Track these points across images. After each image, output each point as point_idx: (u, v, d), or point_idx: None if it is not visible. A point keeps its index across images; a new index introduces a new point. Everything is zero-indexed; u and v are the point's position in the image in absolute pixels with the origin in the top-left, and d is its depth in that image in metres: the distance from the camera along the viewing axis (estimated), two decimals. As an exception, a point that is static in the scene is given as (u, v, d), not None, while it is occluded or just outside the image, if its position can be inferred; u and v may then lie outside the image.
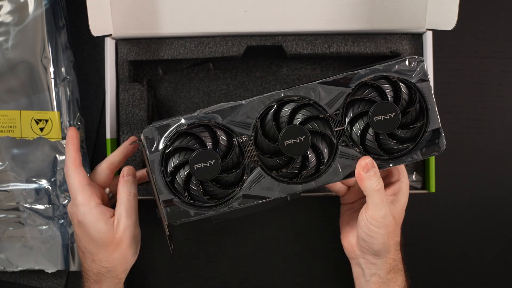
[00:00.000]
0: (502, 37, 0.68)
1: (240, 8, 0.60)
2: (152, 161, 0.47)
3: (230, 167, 0.48)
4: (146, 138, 0.47)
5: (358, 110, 0.48)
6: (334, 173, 0.48)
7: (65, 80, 0.62)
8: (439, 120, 0.49)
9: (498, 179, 0.68)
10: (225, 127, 0.47)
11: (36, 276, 0.66)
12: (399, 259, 0.54)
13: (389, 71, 0.48)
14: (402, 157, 0.49)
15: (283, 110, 0.48)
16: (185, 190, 0.47)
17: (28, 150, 0.62)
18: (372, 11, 0.61)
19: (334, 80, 0.47)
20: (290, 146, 0.46)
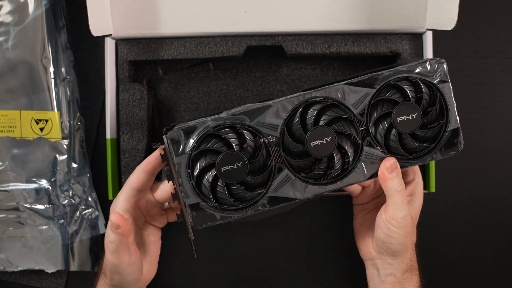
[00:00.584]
0: (502, 37, 0.68)
1: (240, 8, 0.60)
2: (178, 164, 0.46)
3: (257, 169, 0.47)
4: (172, 140, 0.46)
5: (382, 110, 0.49)
6: (359, 173, 0.49)
7: (65, 80, 0.62)
8: (458, 120, 0.50)
9: (498, 179, 0.68)
10: (252, 128, 0.47)
11: (36, 276, 0.66)
12: (415, 259, 0.55)
13: (412, 72, 0.49)
14: (422, 157, 0.50)
15: (309, 112, 0.48)
16: (211, 194, 0.47)
17: (28, 150, 0.62)
18: (372, 11, 0.61)
19: (359, 81, 0.48)
20: (316, 147, 0.47)
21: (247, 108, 0.47)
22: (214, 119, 0.46)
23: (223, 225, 0.67)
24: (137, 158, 0.62)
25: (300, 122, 0.47)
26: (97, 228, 0.64)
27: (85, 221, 0.64)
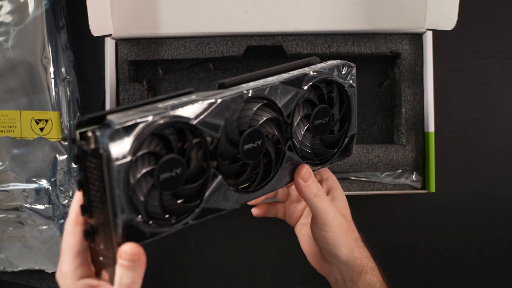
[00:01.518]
0: (502, 37, 0.68)
1: (240, 8, 0.60)
2: (118, 172, 0.35)
3: (193, 176, 0.40)
4: (111, 140, 0.35)
5: (304, 113, 0.46)
6: (279, 180, 0.45)
7: (65, 80, 0.62)
8: (356, 126, 0.49)
9: (498, 179, 0.68)
10: (195, 128, 0.39)
11: (36, 276, 0.66)
12: (367, 257, 0.51)
13: (331, 74, 0.47)
14: (326, 162, 0.48)
15: (245, 111, 0.43)
16: (145, 207, 0.38)
17: (28, 150, 0.62)
18: (372, 11, 0.61)
19: (291, 81, 0.44)
20: (248, 151, 0.42)
21: (190, 103, 0.39)
22: (157, 114, 0.37)
23: (223, 225, 0.68)
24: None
25: (237, 123, 0.42)
26: (97, 228, 0.64)
27: (85, 221, 0.64)
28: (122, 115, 0.36)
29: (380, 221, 0.68)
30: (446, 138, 0.67)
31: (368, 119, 0.68)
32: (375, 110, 0.68)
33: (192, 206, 0.40)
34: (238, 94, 0.41)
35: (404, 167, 0.63)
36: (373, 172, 0.63)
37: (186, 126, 0.39)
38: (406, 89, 0.63)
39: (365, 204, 0.68)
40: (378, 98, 0.68)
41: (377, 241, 0.69)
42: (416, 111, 0.63)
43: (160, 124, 0.37)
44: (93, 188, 0.37)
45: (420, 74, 0.63)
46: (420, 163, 0.63)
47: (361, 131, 0.68)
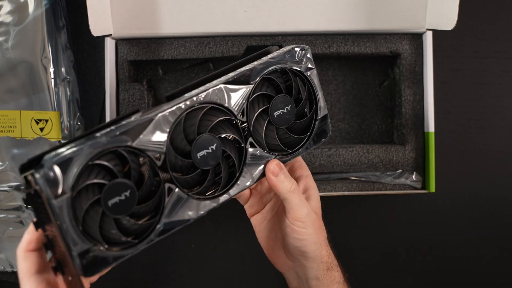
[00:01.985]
0: (502, 37, 0.68)
1: (240, 8, 0.60)
2: (59, 208, 0.36)
3: (146, 195, 0.41)
4: (47, 180, 0.36)
5: (260, 107, 0.46)
6: (247, 178, 0.45)
7: (65, 80, 0.62)
8: (326, 107, 0.49)
9: (498, 179, 0.68)
10: (136, 149, 0.40)
11: (36, 276, 0.66)
12: (332, 255, 0.51)
13: (281, 62, 0.46)
14: (299, 149, 0.48)
15: (191, 120, 0.43)
16: (100, 234, 0.39)
17: (28, 150, 0.62)
18: (372, 11, 0.61)
19: (235, 79, 0.44)
20: (203, 158, 0.42)
21: (127, 126, 0.40)
22: (91, 145, 0.38)
23: (223, 225, 0.68)
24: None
25: (184, 133, 0.42)
26: (97, 228, 0.64)
27: (85, 221, 0.64)
28: (58, 152, 0.38)
29: (380, 221, 0.68)
30: (446, 138, 0.67)
31: (368, 119, 0.68)
32: (375, 110, 0.68)
33: (152, 223, 0.41)
34: (176, 106, 0.42)
35: (404, 167, 0.63)
36: (373, 172, 0.63)
37: (125, 149, 0.39)
38: (406, 89, 0.63)
39: (365, 204, 0.68)
40: (378, 98, 0.68)
41: (377, 241, 0.69)
42: (416, 111, 0.63)
43: (95, 155, 0.38)
44: (48, 227, 0.39)
45: (420, 74, 0.63)
46: (420, 163, 0.63)
47: (361, 131, 0.68)
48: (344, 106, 0.68)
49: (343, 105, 0.68)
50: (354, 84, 0.68)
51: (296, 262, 0.50)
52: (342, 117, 0.68)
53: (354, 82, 0.68)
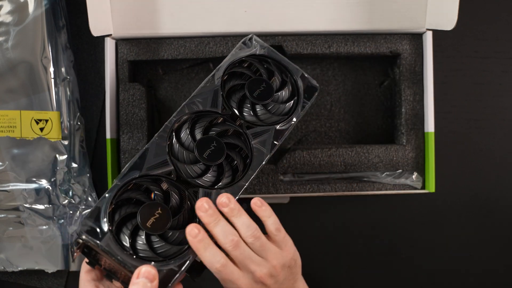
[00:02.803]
0: (502, 37, 0.68)
1: (240, 8, 0.60)
2: (107, 246, 0.43)
3: (179, 207, 0.46)
4: (88, 231, 0.43)
5: (237, 98, 0.51)
6: (261, 154, 0.50)
7: (65, 80, 0.62)
8: (298, 67, 0.54)
9: (498, 179, 0.68)
10: (148, 178, 0.46)
11: (36, 276, 0.66)
12: None
13: (239, 56, 0.53)
14: (295, 111, 0.52)
15: (182, 134, 0.49)
16: (152, 253, 0.44)
17: (28, 150, 0.62)
18: (372, 11, 0.61)
19: (203, 87, 0.50)
20: (210, 156, 0.47)
21: (131, 163, 0.46)
22: (110, 191, 0.45)
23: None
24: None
25: (182, 146, 0.48)
26: (97, 228, 0.64)
27: (85, 221, 0.64)
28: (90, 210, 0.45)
29: (380, 221, 0.68)
30: (446, 138, 0.67)
31: (368, 119, 0.68)
32: (375, 110, 0.68)
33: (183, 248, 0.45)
34: (161, 130, 0.48)
35: (404, 167, 0.63)
36: (373, 172, 0.63)
37: (137, 180, 0.46)
38: (406, 89, 0.63)
39: (365, 204, 0.68)
40: (378, 98, 0.68)
41: (377, 241, 0.69)
42: (416, 111, 0.63)
43: (115, 194, 0.44)
44: (104, 262, 0.44)
45: (420, 74, 0.63)
46: (420, 163, 0.63)
47: (361, 131, 0.68)
48: (344, 106, 0.68)
49: (343, 105, 0.68)
50: (354, 84, 0.68)
51: None
52: (342, 117, 0.68)
53: (354, 82, 0.68)
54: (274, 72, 0.53)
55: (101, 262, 0.45)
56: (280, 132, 0.51)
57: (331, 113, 0.68)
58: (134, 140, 0.62)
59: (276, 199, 0.64)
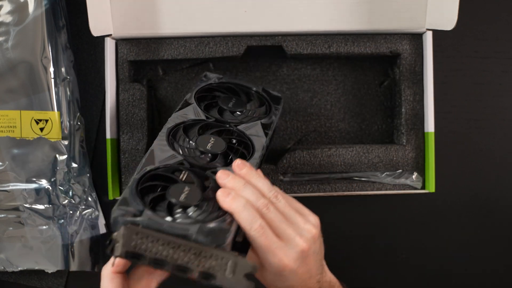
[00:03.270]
0: (502, 37, 0.68)
1: (240, 8, 0.60)
2: (150, 220, 0.40)
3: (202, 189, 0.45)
4: (123, 217, 0.40)
5: (216, 110, 0.55)
6: (260, 138, 0.52)
7: (65, 80, 0.62)
8: (257, 84, 0.60)
9: (498, 179, 0.68)
10: (165, 167, 0.46)
11: (36, 276, 0.66)
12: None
13: (201, 85, 0.58)
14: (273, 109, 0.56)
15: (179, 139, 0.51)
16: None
17: (28, 150, 0.62)
18: (372, 11, 0.61)
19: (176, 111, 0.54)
20: (213, 147, 0.48)
21: (144, 159, 0.46)
22: (130, 186, 0.43)
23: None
24: (137, 158, 0.62)
25: (183, 146, 0.49)
26: (97, 228, 0.64)
27: (85, 221, 0.64)
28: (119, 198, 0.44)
29: (380, 221, 0.68)
30: (446, 138, 0.67)
31: (368, 119, 0.68)
32: (375, 110, 0.68)
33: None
34: (160, 135, 0.50)
35: (404, 167, 0.63)
36: (373, 172, 0.63)
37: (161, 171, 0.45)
38: (406, 89, 0.63)
39: (365, 204, 0.68)
40: (378, 98, 0.68)
41: (377, 241, 0.69)
42: (416, 111, 0.63)
43: (139, 179, 0.44)
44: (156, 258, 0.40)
45: (420, 74, 0.63)
46: (420, 163, 0.63)
47: (361, 131, 0.68)
48: (344, 106, 0.68)
49: (343, 105, 0.68)
50: (354, 84, 0.68)
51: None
52: (342, 117, 0.68)
53: (354, 82, 0.68)
54: (238, 91, 0.58)
55: (145, 253, 0.40)
56: (266, 125, 0.53)
57: (331, 113, 0.68)
58: (134, 140, 0.62)
59: (276, 199, 0.64)
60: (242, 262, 0.39)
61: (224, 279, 0.39)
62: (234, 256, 0.39)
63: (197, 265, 0.39)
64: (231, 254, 0.39)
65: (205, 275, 0.39)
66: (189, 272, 0.39)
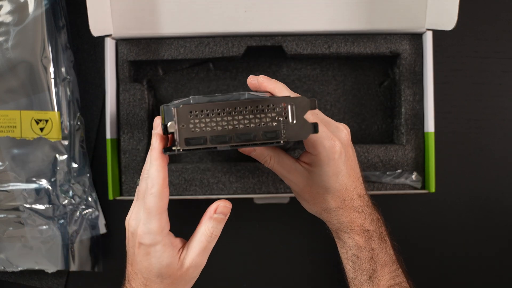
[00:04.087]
0: (502, 37, 0.68)
1: (240, 8, 0.60)
2: (200, 97, 0.39)
3: None
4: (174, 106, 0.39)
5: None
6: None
7: (65, 80, 0.62)
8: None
9: (498, 179, 0.68)
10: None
11: (36, 276, 0.66)
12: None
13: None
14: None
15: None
16: None
17: (28, 150, 0.62)
18: (372, 11, 0.61)
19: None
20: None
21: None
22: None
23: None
24: (137, 158, 0.62)
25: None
26: (97, 228, 0.64)
27: (85, 221, 0.64)
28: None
29: (380, 221, 0.68)
30: (446, 138, 0.67)
31: (368, 119, 0.68)
32: (375, 110, 0.68)
33: None
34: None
35: (404, 167, 0.63)
36: (373, 172, 0.63)
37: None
38: (406, 89, 0.63)
39: (365, 204, 0.68)
40: (378, 98, 0.68)
41: (377, 241, 0.69)
42: (416, 111, 0.63)
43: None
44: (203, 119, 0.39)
45: (420, 74, 0.63)
46: (420, 163, 0.63)
47: (361, 131, 0.68)
48: (344, 106, 0.68)
49: (343, 105, 0.68)
50: (354, 84, 0.68)
51: (342, 208, 0.50)
52: (342, 117, 0.68)
53: (354, 82, 0.68)
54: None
55: (204, 132, 0.39)
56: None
57: (331, 113, 0.68)
58: (135, 140, 0.62)
59: (276, 199, 0.64)
60: (300, 100, 0.38)
61: (289, 129, 0.39)
62: (290, 98, 0.38)
63: (259, 124, 0.38)
64: (286, 97, 0.39)
65: (269, 133, 0.38)
66: (253, 137, 0.38)
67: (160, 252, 0.45)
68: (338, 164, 0.47)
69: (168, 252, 0.45)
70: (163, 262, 0.45)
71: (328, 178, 0.47)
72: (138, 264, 0.46)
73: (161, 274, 0.46)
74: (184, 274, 0.47)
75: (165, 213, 0.45)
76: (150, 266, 0.46)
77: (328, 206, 0.49)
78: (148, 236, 0.45)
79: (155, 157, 0.44)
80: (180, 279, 0.47)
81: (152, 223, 0.45)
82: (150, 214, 0.44)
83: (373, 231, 0.50)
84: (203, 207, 0.49)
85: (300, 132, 0.38)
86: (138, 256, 0.46)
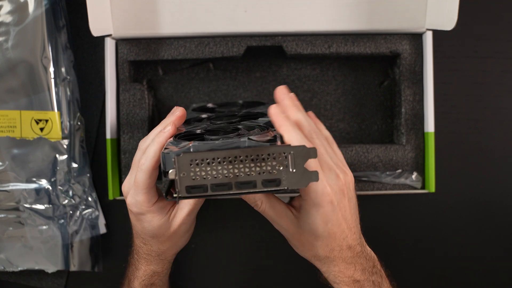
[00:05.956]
0: (502, 37, 0.68)
1: (240, 8, 0.60)
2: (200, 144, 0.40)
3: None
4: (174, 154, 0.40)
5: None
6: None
7: (65, 80, 0.62)
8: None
9: (498, 179, 0.68)
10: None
11: (36, 276, 0.66)
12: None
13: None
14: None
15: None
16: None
17: (28, 150, 0.62)
18: (372, 11, 0.61)
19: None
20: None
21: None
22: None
23: (223, 225, 0.68)
24: (137, 158, 0.62)
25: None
26: (97, 228, 0.64)
27: (85, 221, 0.64)
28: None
29: (380, 221, 0.68)
30: (446, 138, 0.67)
31: (368, 119, 0.68)
32: (375, 110, 0.68)
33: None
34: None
35: (404, 167, 0.63)
36: (373, 172, 0.63)
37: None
38: (406, 89, 0.63)
39: (364, 204, 0.68)
40: (378, 98, 0.68)
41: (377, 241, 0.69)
42: (416, 111, 0.63)
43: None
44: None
45: (420, 74, 0.63)
46: (420, 163, 0.63)
47: (361, 131, 0.68)
48: (344, 106, 0.68)
49: (343, 105, 0.68)
50: (354, 84, 0.68)
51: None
52: (342, 117, 0.68)
53: (354, 82, 0.68)
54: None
55: (205, 180, 0.39)
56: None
57: (331, 113, 0.68)
58: (135, 140, 0.62)
59: (276, 199, 0.64)
60: (299, 149, 0.39)
61: (289, 178, 0.39)
62: (289, 147, 0.39)
63: (259, 172, 0.39)
64: (286, 146, 0.39)
65: (269, 181, 0.39)
66: (253, 184, 0.39)
67: (149, 218, 0.48)
68: (327, 211, 0.44)
69: (157, 217, 0.48)
70: (154, 225, 0.48)
71: (317, 225, 0.45)
72: (135, 227, 0.51)
73: (154, 234, 0.49)
74: (176, 230, 0.49)
75: (153, 188, 0.47)
76: (144, 229, 0.49)
77: (317, 253, 0.47)
78: (135, 206, 0.47)
79: (159, 140, 0.45)
80: (173, 235, 0.50)
81: (139, 196, 0.47)
82: (137, 188, 0.46)
83: (364, 281, 0.48)
84: (205, 203, 0.50)
85: (300, 180, 0.39)
86: (132, 220, 0.50)
